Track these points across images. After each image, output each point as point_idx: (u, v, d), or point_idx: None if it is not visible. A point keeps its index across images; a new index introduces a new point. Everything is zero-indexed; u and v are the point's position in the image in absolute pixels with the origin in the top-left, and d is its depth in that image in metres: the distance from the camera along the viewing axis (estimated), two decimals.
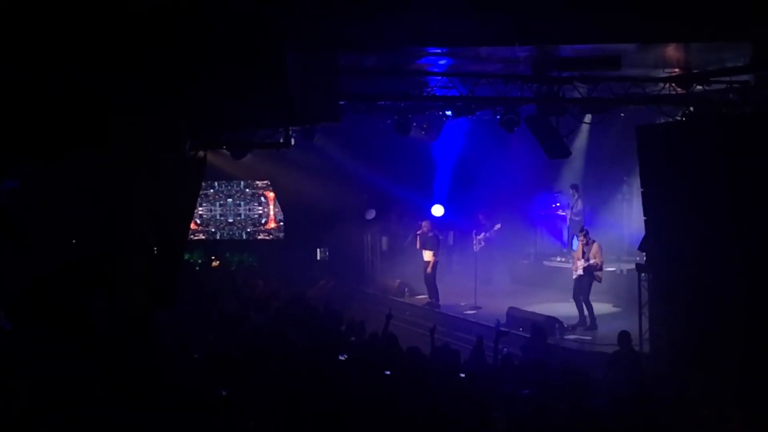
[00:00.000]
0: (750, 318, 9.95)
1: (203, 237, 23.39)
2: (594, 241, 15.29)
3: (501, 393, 8.67)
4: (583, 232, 15.56)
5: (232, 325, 12.29)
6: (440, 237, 18.99)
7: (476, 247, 18.79)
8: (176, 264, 9.86)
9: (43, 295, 7.92)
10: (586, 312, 15.17)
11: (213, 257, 22.01)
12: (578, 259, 15.38)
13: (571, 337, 14.54)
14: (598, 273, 15.22)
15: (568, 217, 20.13)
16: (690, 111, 12.99)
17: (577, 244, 16.44)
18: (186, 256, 13.85)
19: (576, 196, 19.90)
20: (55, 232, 8.68)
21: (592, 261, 15.08)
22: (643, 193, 12.51)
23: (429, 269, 18.17)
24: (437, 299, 18.20)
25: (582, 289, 15.21)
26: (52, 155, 7.13)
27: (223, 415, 7.91)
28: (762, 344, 9.71)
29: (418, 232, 18.41)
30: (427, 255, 18.20)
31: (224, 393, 8.56)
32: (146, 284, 8.59)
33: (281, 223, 23.26)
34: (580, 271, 15.23)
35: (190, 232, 16.85)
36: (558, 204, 20.50)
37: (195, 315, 12.65)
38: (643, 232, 12.97)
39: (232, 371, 9.29)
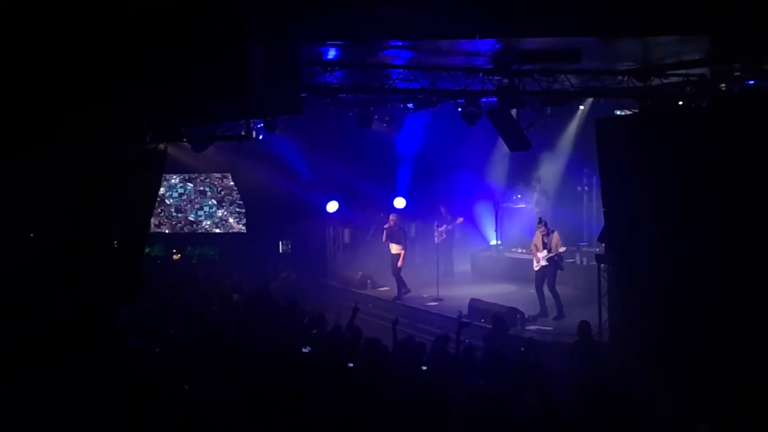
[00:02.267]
0: (706, 308, 10.12)
1: (166, 231, 23.17)
2: (553, 231, 15.44)
3: (462, 384, 8.74)
4: (543, 223, 15.70)
5: (194, 319, 12.22)
6: (405, 230, 19.06)
7: (438, 239, 18.89)
8: (138, 257, 9.80)
9: (8, 289, 7.84)
10: (551, 302, 15.32)
11: (174, 250, 21.84)
12: (539, 251, 15.51)
13: (533, 327, 14.68)
14: (560, 262, 15.39)
15: (530, 209, 20.35)
16: (648, 103, 13.17)
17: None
18: (146, 250, 13.74)
19: (537, 188, 20.14)
20: (14, 225, 8.58)
21: (560, 250, 15.23)
22: (602, 184, 12.65)
23: (399, 262, 18.20)
24: (405, 287, 18.24)
25: (547, 278, 15.36)
26: (11, 150, 7.04)
27: (185, 410, 7.89)
28: (717, 334, 9.88)
29: (385, 226, 18.44)
30: (395, 248, 18.24)
31: (187, 387, 8.53)
32: (108, 278, 8.52)
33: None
34: (544, 262, 15.37)
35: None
36: (519, 196, 20.68)
37: (157, 309, 12.56)
38: (602, 224, 13.13)
39: (194, 365, 9.26)
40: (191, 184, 23.22)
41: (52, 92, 6.40)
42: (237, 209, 23.10)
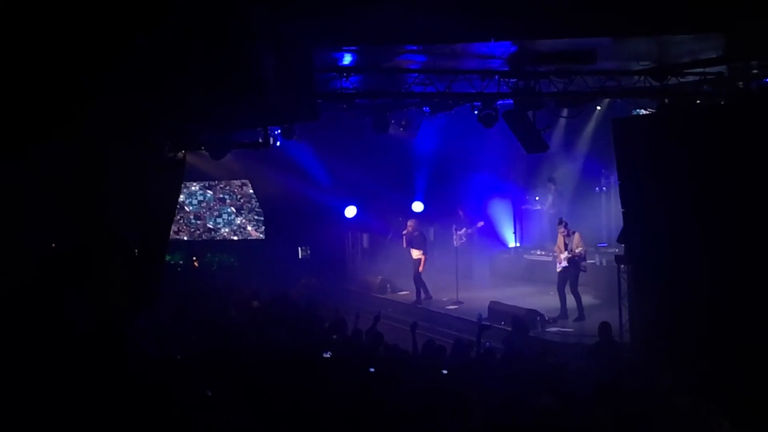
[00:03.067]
0: (726, 308, 10.06)
1: (185, 237, 23.29)
2: (575, 232, 15.40)
3: (482, 387, 8.72)
4: (563, 224, 15.65)
5: (214, 326, 12.26)
6: (425, 234, 19.06)
7: (457, 243, 18.87)
8: (158, 265, 9.86)
9: (18, 293, 7.89)
10: (572, 304, 15.26)
11: (194, 258, 21.94)
12: (561, 252, 15.47)
13: (553, 329, 14.63)
14: (582, 263, 15.34)
15: (545, 210, 20.33)
16: (665, 103, 13.10)
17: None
18: (167, 258, 13.84)
19: (553, 189, 20.10)
20: (31, 233, 8.65)
21: (576, 251, 15.19)
22: (620, 185, 12.60)
23: (420, 267, 18.22)
24: (427, 293, 18.25)
25: (569, 280, 15.31)
26: (19, 148, 7.08)
27: (207, 416, 7.92)
28: (738, 333, 9.82)
29: (404, 232, 18.48)
30: (416, 253, 18.27)
31: (209, 394, 8.56)
32: (124, 286, 8.58)
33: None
34: (565, 263, 15.33)
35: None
36: (537, 198, 20.65)
37: (176, 316, 12.62)
38: (621, 224, 13.08)
39: (215, 372, 9.29)
40: (211, 192, 23.34)
41: (65, 94, 6.46)
42: (255, 217, 23.19)
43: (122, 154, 8.51)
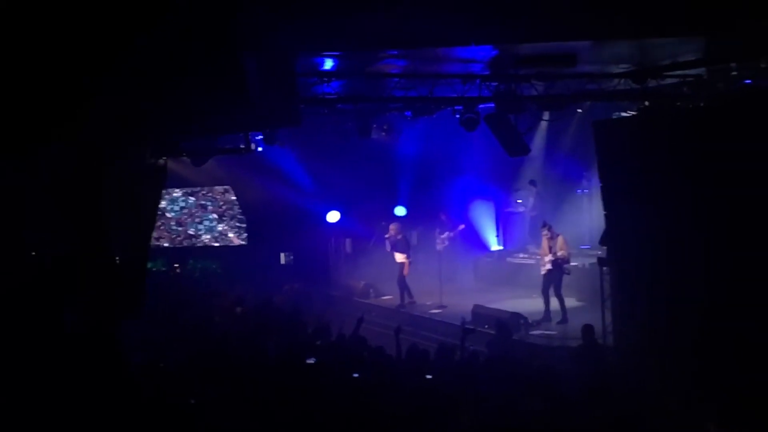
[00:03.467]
0: (708, 308, 10.12)
1: (166, 244, 23.17)
2: (558, 235, 15.46)
3: (468, 391, 8.73)
4: (546, 227, 15.69)
5: (198, 333, 12.22)
6: (408, 238, 19.06)
7: (439, 246, 18.89)
8: (141, 272, 9.79)
9: (11, 301, 7.82)
10: (555, 306, 15.31)
11: (176, 265, 21.85)
12: (545, 255, 15.52)
13: (537, 332, 14.67)
14: (565, 266, 15.39)
15: (526, 213, 20.42)
16: (645, 105, 13.18)
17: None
18: (149, 265, 13.77)
19: (534, 191, 20.19)
20: (20, 239, 8.57)
21: (559, 254, 15.24)
22: (602, 187, 12.66)
23: (405, 271, 18.24)
24: (411, 297, 18.25)
25: (553, 283, 15.36)
26: (20, 148, 7.03)
27: (192, 424, 7.88)
28: (720, 333, 9.88)
29: (387, 236, 18.49)
30: (399, 257, 18.28)
31: (193, 401, 8.53)
32: (111, 292, 8.51)
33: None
34: (549, 266, 15.37)
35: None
36: (519, 201, 20.72)
37: (160, 323, 12.56)
38: (603, 226, 13.13)
39: (199, 379, 9.25)
40: (193, 198, 23.26)
41: (54, 98, 6.42)
42: (237, 224, 23.12)
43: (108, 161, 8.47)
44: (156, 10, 6.29)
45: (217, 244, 23.23)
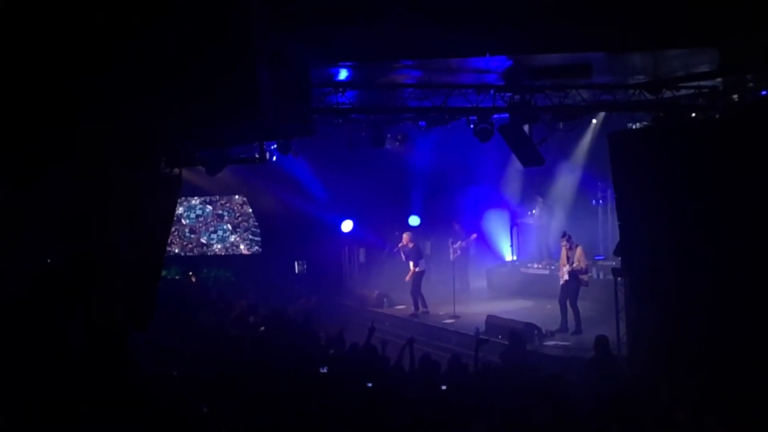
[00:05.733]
0: (723, 320, 10.06)
1: (176, 250, 23.22)
2: (577, 245, 15.42)
3: (481, 402, 8.71)
4: (566, 237, 15.66)
5: (211, 342, 12.24)
6: (420, 247, 19.05)
7: (453, 256, 18.87)
8: (153, 281, 9.82)
9: (16, 311, 7.86)
10: (570, 317, 15.26)
11: (190, 273, 21.91)
12: (563, 265, 15.48)
13: (550, 343, 14.61)
14: (583, 276, 15.35)
15: (535, 224, 20.42)
16: (660, 116, 13.14)
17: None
18: (163, 273, 13.83)
19: (540, 203, 20.19)
20: (28, 248, 8.62)
21: (575, 265, 15.19)
22: (616, 198, 12.61)
23: (408, 278, 18.27)
24: (425, 307, 18.24)
25: (569, 293, 15.31)
26: (26, 175, 7.09)
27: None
28: (735, 346, 9.81)
29: (399, 245, 18.51)
30: (413, 266, 18.30)
31: (205, 410, 8.54)
32: (122, 302, 8.54)
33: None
34: (566, 276, 15.34)
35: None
36: (533, 211, 20.70)
37: (173, 332, 12.60)
38: (618, 237, 13.08)
39: (212, 388, 9.27)
40: (210, 207, 23.31)
41: (63, 117, 6.46)
42: (250, 236, 23.14)
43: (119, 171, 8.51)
44: (171, 24, 6.33)
45: (224, 254, 23.26)
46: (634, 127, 14.88)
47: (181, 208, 22.49)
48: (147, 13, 6.37)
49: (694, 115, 13.03)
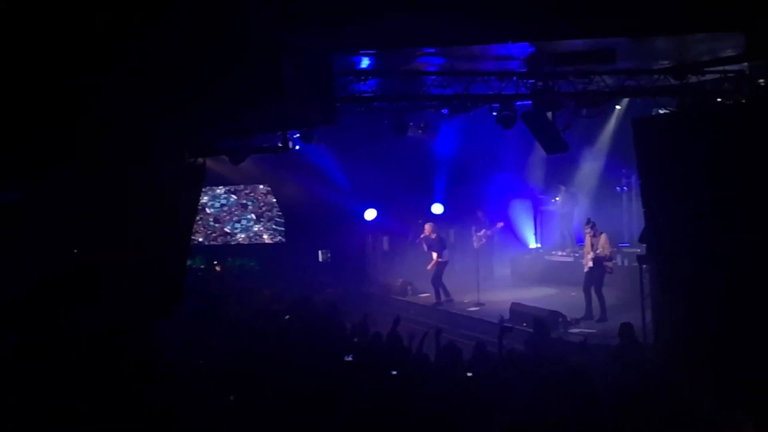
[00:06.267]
0: (749, 308, 9.97)
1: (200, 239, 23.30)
2: (602, 233, 15.35)
3: (505, 391, 8.70)
4: (590, 224, 15.59)
5: (236, 331, 12.31)
6: (443, 237, 19.03)
7: (476, 244, 18.84)
8: (178, 271, 9.88)
9: (29, 307, 7.93)
10: (595, 304, 15.21)
11: (215, 262, 22.03)
12: (588, 252, 15.43)
13: (575, 330, 14.56)
14: (608, 263, 15.28)
15: (558, 212, 20.33)
16: (685, 102, 13.02)
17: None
18: (188, 262, 13.93)
19: (563, 191, 20.09)
20: (48, 243, 8.69)
21: (599, 251, 15.13)
22: (641, 184, 12.52)
23: (430, 267, 18.28)
24: (448, 295, 18.26)
25: (594, 281, 15.26)
26: (47, 170, 7.15)
27: (231, 421, 7.95)
28: (762, 333, 9.73)
29: (422, 236, 18.51)
30: (435, 256, 18.30)
31: (231, 398, 8.61)
32: (146, 292, 8.60)
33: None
34: (591, 264, 15.28)
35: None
36: (557, 199, 20.62)
37: (199, 321, 12.68)
38: (642, 224, 13.00)
39: (238, 376, 9.33)
40: (235, 196, 23.37)
41: (86, 110, 6.51)
42: (274, 226, 23.20)
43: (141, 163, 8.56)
44: (193, 15, 6.35)
45: (249, 244, 23.33)
46: (659, 112, 14.74)
47: (205, 197, 22.57)
48: (166, 6, 6.40)
49: (719, 100, 12.90)
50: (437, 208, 21.15)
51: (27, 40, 6.08)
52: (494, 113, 13.73)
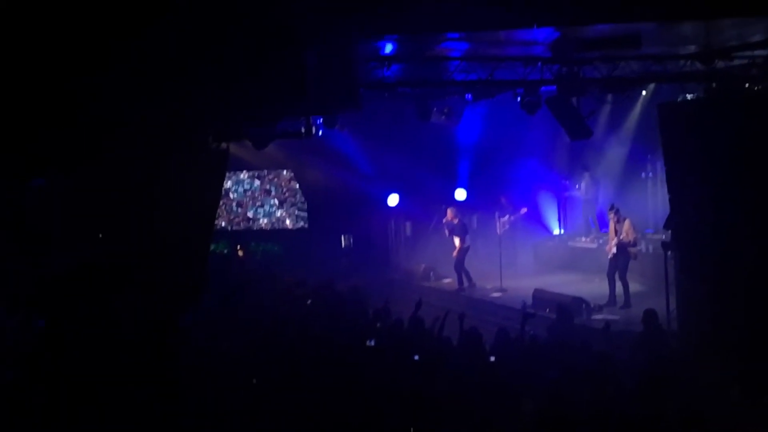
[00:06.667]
0: None
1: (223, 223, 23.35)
2: (625, 218, 15.27)
3: (528, 376, 8.70)
4: (614, 210, 15.50)
5: (259, 316, 12.37)
6: (465, 223, 19.01)
7: (500, 230, 18.80)
8: (202, 258, 9.93)
9: (62, 295, 8.00)
10: (619, 291, 15.14)
11: (238, 246, 22.10)
12: (612, 238, 15.35)
13: (599, 317, 14.51)
14: (632, 249, 15.19)
15: (582, 198, 20.22)
16: (712, 87, 12.87)
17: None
18: (211, 247, 13.98)
19: (587, 177, 19.97)
20: (77, 231, 8.75)
21: (623, 237, 15.04)
22: (666, 170, 12.43)
23: (454, 254, 18.29)
24: (470, 281, 18.24)
25: (618, 267, 15.18)
26: (78, 157, 7.21)
27: (254, 405, 8.01)
28: None
29: (444, 221, 18.50)
30: (458, 242, 18.30)
31: (255, 381, 8.67)
32: (171, 280, 8.65)
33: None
34: (614, 250, 15.20)
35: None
36: (579, 186, 20.52)
37: (223, 306, 12.74)
38: (668, 210, 12.90)
39: (262, 360, 9.39)
40: (258, 182, 23.40)
41: (114, 99, 6.54)
42: (297, 211, 23.21)
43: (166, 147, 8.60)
44: (218, 3, 6.37)
45: (272, 229, 23.37)
46: (686, 98, 14.60)
47: (229, 182, 22.64)
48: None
49: (747, 85, 12.74)
50: (460, 194, 21.11)
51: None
52: (518, 99, 13.65)
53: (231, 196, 23.44)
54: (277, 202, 23.41)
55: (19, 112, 6.29)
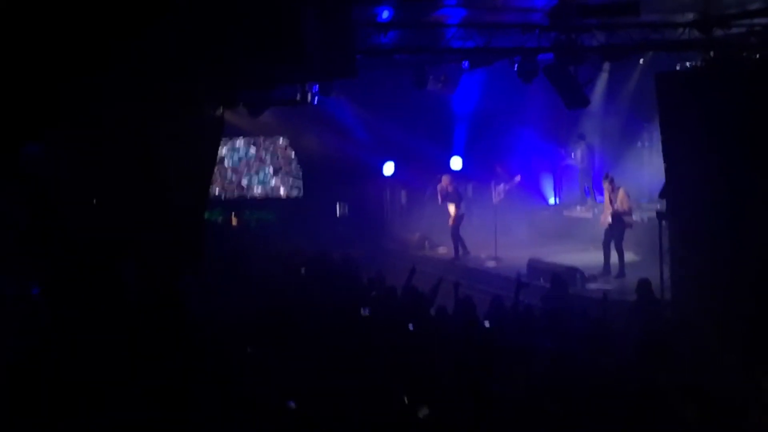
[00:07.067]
0: None
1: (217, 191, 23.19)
2: (620, 188, 15.24)
3: (522, 345, 8.72)
4: (608, 179, 15.46)
5: (255, 284, 12.37)
6: (460, 190, 18.98)
7: (495, 199, 18.78)
8: (199, 224, 9.91)
9: (73, 261, 7.99)
10: (614, 260, 15.16)
11: (233, 213, 22.02)
12: (607, 208, 15.34)
13: (593, 286, 14.54)
14: (627, 218, 15.19)
15: (578, 167, 20.20)
16: (710, 56, 12.80)
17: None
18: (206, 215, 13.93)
19: (583, 145, 19.94)
20: (79, 198, 8.71)
21: (617, 207, 15.03)
22: (663, 140, 12.39)
23: (450, 222, 18.30)
24: (465, 250, 18.25)
25: (613, 236, 15.18)
26: (72, 117, 7.12)
27: (249, 373, 8.02)
28: None
29: (438, 187, 18.47)
30: (451, 209, 18.28)
31: (249, 350, 8.67)
32: (171, 246, 8.64)
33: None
34: (610, 219, 15.20)
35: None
36: (574, 155, 20.49)
37: (219, 273, 12.74)
38: (663, 180, 12.89)
39: (257, 328, 9.39)
40: (254, 149, 23.18)
41: (108, 62, 6.45)
42: (291, 179, 23.08)
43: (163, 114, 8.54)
44: None
45: (266, 198, 23.26)
46: (684, 66, 14.52)
47: (224, 149, 22.48)
48: None
49: (745, 54, 12.66)
50: (456, 162, 21.05)
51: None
52: (515, 67, 13.56)
53: (226, 163, 23.29)
54: (272, 170, 23.27)
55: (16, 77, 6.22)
